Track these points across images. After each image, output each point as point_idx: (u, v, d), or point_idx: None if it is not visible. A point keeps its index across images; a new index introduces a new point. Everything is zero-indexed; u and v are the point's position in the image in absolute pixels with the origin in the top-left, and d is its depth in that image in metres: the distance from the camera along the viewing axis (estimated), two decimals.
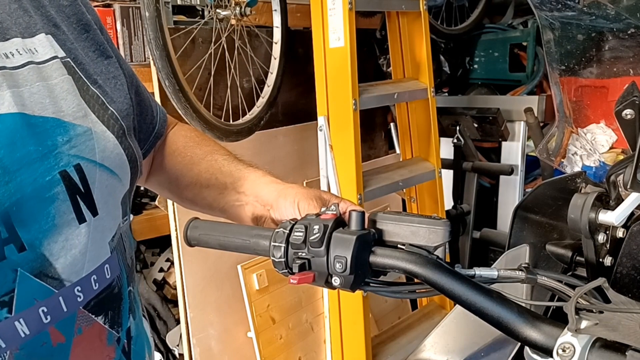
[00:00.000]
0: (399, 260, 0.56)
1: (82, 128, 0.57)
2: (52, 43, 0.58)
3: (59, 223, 0.54)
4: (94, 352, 0.60)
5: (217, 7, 1.74)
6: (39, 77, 0.55)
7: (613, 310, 0.51)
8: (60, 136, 0.55)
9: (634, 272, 0.68)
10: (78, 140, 0.56)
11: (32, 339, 0.53)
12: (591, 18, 1.79)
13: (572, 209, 0.68)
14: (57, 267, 0.54)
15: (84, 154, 0.56)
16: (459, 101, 2.65)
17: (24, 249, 0.51)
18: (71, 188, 0.54)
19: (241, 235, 0.65)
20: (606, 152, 1.95)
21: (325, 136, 1.74)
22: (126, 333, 0.65)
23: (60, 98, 0.56)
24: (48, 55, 0.57)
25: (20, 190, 0.51)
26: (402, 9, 1.94)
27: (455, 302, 0.54)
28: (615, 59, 1.83)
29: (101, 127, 0.59)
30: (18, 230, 0.51)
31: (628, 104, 0.71)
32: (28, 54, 0.56)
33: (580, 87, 2.00)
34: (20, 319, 0.52)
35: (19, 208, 0.51)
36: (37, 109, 0.54)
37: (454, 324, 0.70)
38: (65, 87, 0.57)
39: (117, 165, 0.60)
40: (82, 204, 0.56)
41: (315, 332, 2.10)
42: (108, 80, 0.64)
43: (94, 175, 0.57)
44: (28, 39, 0.57)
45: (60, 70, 0.58)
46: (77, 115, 0.57)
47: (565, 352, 0.46)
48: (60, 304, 0.55)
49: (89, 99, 0.59)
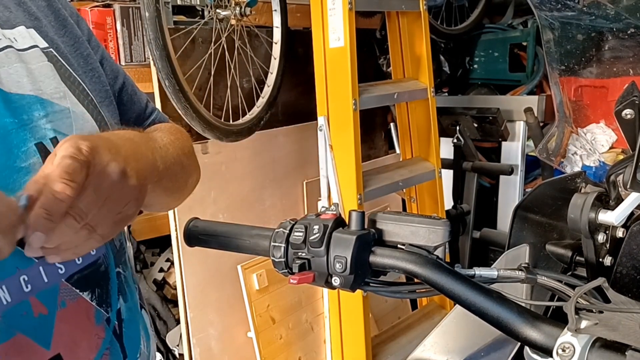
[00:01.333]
0: (398, 260, 0.56)
1: (60, 107, 0.59)
2: (33, 35, 0.61)
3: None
4: (81, 329, 0.60)
5: (217, 7, 1.74)
6: (18, 60, 0.57)
7: (613, 310, 0.51)
8: (37, 111, 0.56)
9: (634, 272, 0.68)
10: (55, 117, 0.57)
11: (14, 306, 0.53)
12: (591, 18, 1.79)
13: (572, 209, 0.68)
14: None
15: (60, 129, 0.57)
16: (458, 101, 2.65)
17: None
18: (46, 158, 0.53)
19: (241, 235, 0.65)
20: (606, 152, 1.95)
21: (325, 136, 1.74)
22: (116, 314, 0.65)
23: (39, 80, 0.58)
24: (28, 45, 0.59)
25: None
26: (402, 9, 1.94)
27: (455, 302, 0.54)
28: (615, 58, 1.83)
29: (80, 109, 0.60)
30: None
31: (628, 103, 0.71)
32: (6, 40, 0.58)
33: (580, 87, 2.00)
34: (3, 286, 0.52)
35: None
36: (14, 87, 0.56)
37: (454, 324, 0.70)
38: (44, 72, 0.59)
39: None
40: None
41: (315, 332, 2.10)
42: (88, 72, 0.66)
43: None
44: (7, 30, 0.59)
45: (40, 58, 0.60)
46: (56, 96, 0.58)
47: (565, 352, 0.46)
48: (40, 273, 0.55)
49: (70, 84, 0.61)
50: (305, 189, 2.13)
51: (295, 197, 2.13)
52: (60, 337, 0.57)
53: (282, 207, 2.08)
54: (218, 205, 1.87)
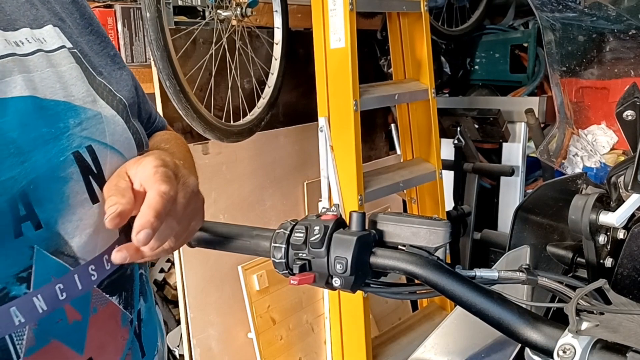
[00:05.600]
0: (399, 261, 0.56)
1: (92, 112, 0.59)
2: (59, 34, 0.60)
3: (73, 203, 0.55)
4: (110, 332, 0.61)
5: (218, 8, 1.74)
6: (48, 64, 0.57)
7: (614, 311, 0.51)
8: (72, 119, 0.56)
9: (635, 273, 0.68)
10: (89, 123, 0.58)
11: (49, 314, 0.54)
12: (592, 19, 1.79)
13: (573, 210, 0.68)
14: (72, 246, 0.56)
15: (95, 136, 0.58)
16: (459, 102, 2.65)
17: (40, 227, 0.53)
18: (84, 169, 0.56)
19: (242, 236, 0.65)
20: (607, 154, 1.95)
21: (326, 137, 1.74)
22: (137, 315, 0.66)
23: (70, 84, 0.58)
24: (56, 45, 0.59)
25: (35, 169, 0.52)
26: (403, 10, 1.94)
27: (456, 303, 0.54)
28: (616, 60, 1.83)
29: (110, 112, 0.61)
30: (35, 208, 0.52)
31: (629, 105, 0.71)
32: (37, 42, 0.58)
33: (581, 88, 2.00)
34: (38, 295, 0.53)
35: (35, 187, 0.52)
36: (48, 92, 0.56)
37: (455, 325, 0.70)
38: (74, 74, 0.59)
39: (125, 148, 0.61)
40: (95, 185, 0.57)
41: (316, 333, 2.10)
42: (113, 72, 0.66)
43: (105, 157, 0.58)
44: (36, 30, 0.59)
45: (68, 59, 0.60)
46: (87, 100, 0.59)
47: (565, 353, 0.46)
48: (75, 281, 0.56)
49: (97, 86, 0.61)
50: (306, 190, 2.13)
51: (296, 198, 2.13)
52: (92, 342, 0.58)
53: (283, 208, 2.08)
54: (218, 205, 1.87)
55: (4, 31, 0.56)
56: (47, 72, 0.57)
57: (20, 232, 0.51)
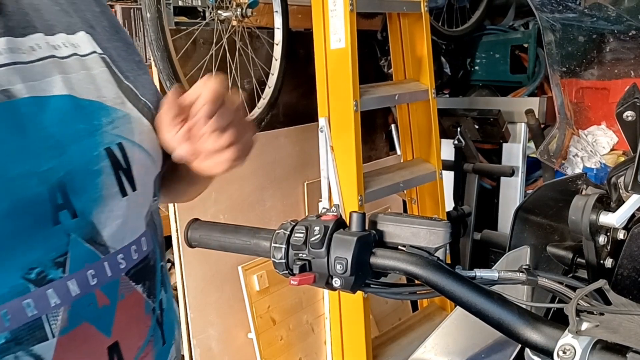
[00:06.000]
0: (399, 262, 0.56)
1: (122, 112, 0.63)
2: (91, 40, 0.66)
3: (105, 194, 0.60)
4: (135, 318, 0.65)
5: (218, 8, 1.74)
6: (82, 67, 0.62)
7: (614, 312, 0.51)
8: (104, 117, 0.61)
9: (635, 274, 0.68)
10: (119, 122, 0.62)
11: (81, 298, 0.58)
12: (592, 20, 1.80)
13: (573, 211, 0.68)
14: (104, 235, 0.60)
15: (124, 135, 0.62)
16: (459, 102, 2.65)
17: (76, 216, 0.57)
18: (115, 163, 0.61)
19: (242, 236, 0.65)
20: (607, 154, 1.95)
21: (326, 137, 1.74)
22: (159, 304, 0.70)
23: (102, 86, 0.63)
24: (88, 50, 0.64)
25: (71, 162, 0.57)
26: (403, 11, 1.95)
27: (456, 303, 0.54)
28: (616, 60, 1.83)
29: (137, 114, 0.65)
30: (71, 198, 0.56)
31: (629, 105, 0.71)
32: (72, 47, 0.63)
33: (581, 88, 2.00)
34: (72, 279, 0.57)
35: (72, 178, 0.56)
36: (84, 92, 0.60)
37: (455, 325, 0.70)
38: (105, 77, 0.64)
39: (151, 147, 0.66)
40: (124, 179, 0.62)
41: (316, 333, 2.10)
42: (138, 77, 0.70)
43: (133, 154, 0.63)
44: (71, 35, 0.63)
45: (99, 63, 0.65)
46: (117, 102, 0.64)
47: (565, 353, 0.46)
48: (105, 268, 0.60)
49: (124, 90, 0.66)
50: (306, 190, 2.13)
51: (296, 198, 2.13)
52: (118, 326, 0.62)
53: (283, 208, 2.08)
54: (219, 206, 1.87)
55: (45, 35, 0.60)
56: (82, 74, 0.61)
57: (58, 220, 0.55)
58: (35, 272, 0.54)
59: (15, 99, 0.54)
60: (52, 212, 0.55)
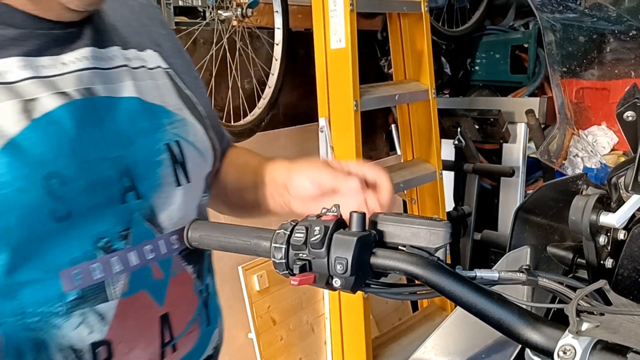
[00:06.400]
0: (399, 262, 0.56)
1: (180, 116, 0.74)
2: (157, 57, 0.77)
3: (163, 182, 0.69)
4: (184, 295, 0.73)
5: (218, 9, 1.74)
6: (149, 77, 0.73)
7: (614, 312, 0.51)
8: (165, 119, 0.72)
9: (635, 274, 0.68)
10: (178, 124, 0.73)
11: (140, 269, 0.67)
12: (592, 20, 1.80)
13: (573, 211, 0.68)
14: (160, 217, 0.69)
15: (182, 134, 0.73)
16: (460, 103, 2.65)
17: (139, 198, 0.67)
18: (173, 157, 0.71)
19: (242, 236, 0.65)
20: (607, 154, 1.95)
21: (327, 137, 1.74)
22: (206, 287, 0.78)
23: (165, 94, 0.74)
24: (155, 65, 0.76)
25: (137, 152, 0.67)
26: (404, 11, 1.95)
27: (456, 303, 0.54)
28: (617, 60, 1.84)
29: (193, 119, 0.76)
30: (136, 182, 0.66)
31: (629, 105, 0.71)
32: (141, 60, 0.74)
33: (581, 89, 2.00)
34: (133, 251, 0.66)
35: (137, 166, 0.67)
36: (149, 97, 0.71)
37: (455, 325, 0.70)
38: (168, 87, 0.75)
39: (204, 148, 0.76)
40: (180, 171, 0.72)
41: (316, 333, 2.10)
42: (195, 90, 0.81)
43: (188, 151, 0.73)
44: (141, 52, 0.75)
45: (163, 76, 0.76)
46: (176, 107, 0.74)
47: (566, 354, 0.46)
48: (160, 246, 0.69)
49: (184, 99, 0.77)
50: None
51: None
52: (170, 299, 0.70)
53: None
54: None
55: (122, 49, 0.72)
56: (149, 82, 0.73)
57: (124, 200, 0.65)
58: (104, 242, 0.64)
59: (95, 97, 0.66)
60: (121, 193, 0.65)
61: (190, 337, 0.74)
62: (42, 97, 0.61)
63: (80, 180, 0.61)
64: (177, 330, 0.71)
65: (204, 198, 0.78)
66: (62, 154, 0.61)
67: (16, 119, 0.59)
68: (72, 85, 0.64)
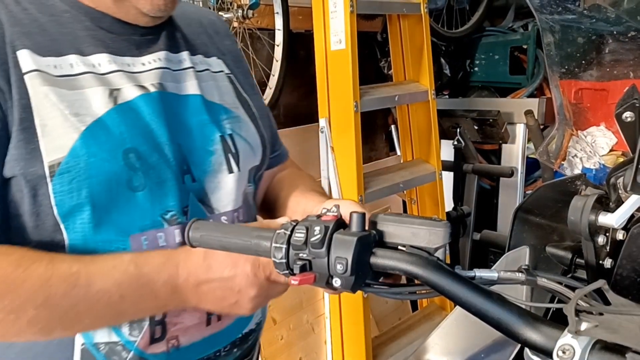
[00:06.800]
0: (399, 262, 0.56)
1: (236, 114, 0.85)
2: (221, 63, 0.89)
3: (215, 169, 0.79)
4: None
5: (219, 10, 1.75)
6: (212, 79, 0.85)
7: (613, 312, 0.51)
8: (222, 115, 0.83)
9: (634, 274, 0.68)
10: (233, 120, 0.84)
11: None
12: (591, 21, 1.80)
13: (572, 211, 0.68)
14: (212, 199, 0.78)
15: (236, 129, 0.83)
16: (459, 103, 2.66)
17: (195, 181, 0.76)
18: (226, 148, 0.81)
19: (242, 236, 0.65)
20: (606, 155, 1.96)
21: (327, 138, 1.74)
22: None
23: (224, 94, 0.85)
24: (218, 69, 0.87)
25: (194, 141, 0.78)
26: (403, 12, 1.95)
27: (456, 303, 0.54)
28: (616, 61, 1.84)
29: (247, 118, 0.86)
30: (191, 167, 0.76)
31: (628, 106, 0.71)
32: (206, 65, 0.86)
33: (580, 89, 2.00)
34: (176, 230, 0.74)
35: (193, 153, 0.77)
36: (209, 95, 0.82)
37: (454, 325, 0.70)
38: (228, 89, 0.87)
39: (255, 143, 0.86)
40: (232, 160, 0.81)
41: (316, 333, 2.10)
42: (251, 95, 0.91)
43: (239, 143, 0.83)
44: (207, 58, 0.87)
45: (225, 79, 0.87)
46: (233, 106, 0.85)
47: (565, 353, 0.46)
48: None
49: (241, 100, 0.87)
50: None
51: None
52: None
53: None
54: None
55: (190, 54, 0.83)
56: (211, 83, 0.84)
57: (183, 181, 0.75)
58: (170, 215, 0.73)
59: (166, 92, 0.77)
60: (180, 174, 0.75)
61: None
62: (125, 88, 0.73)
63: (152, 158, 0.72)
64: None
65: (249, 187, 0.86)
66: (138, 135, 0.72)
67: (104, 103, 0.71)
68: (149, 80, 0.76)
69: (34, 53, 0.70)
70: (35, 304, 0.62)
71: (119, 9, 0.76)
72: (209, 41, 0.90)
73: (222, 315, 0.78)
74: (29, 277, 0.62)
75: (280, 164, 1.02)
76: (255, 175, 0.89)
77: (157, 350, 0.73)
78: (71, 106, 0.69)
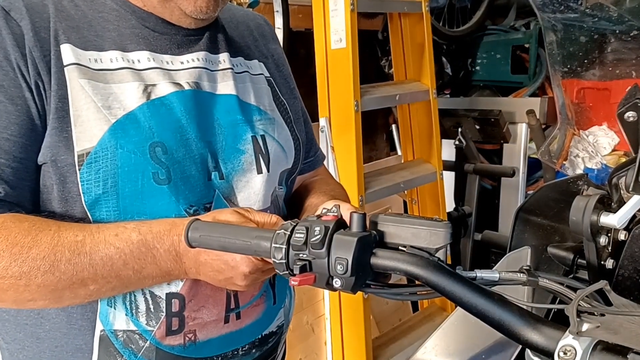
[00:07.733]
0: (400, 263, 0.56)
1: (270, 115, 0.86)
2: (262, 67, 0.91)
3: (245, 168, 0.80)
4: None
5: None
6: (250, 81, 0.86)
7: (615, 313, 0.51)
8: (256, 116, 0.84)
9: (636, 274, 0.68)
10: (266, 122, 0.85)
11: None
12: (594, 20, 1.80)
13: (574, 212, 0.68)
14: (238, 198, 0.80)
15: (268, 131, 0.84)
16: (460, 103, 2.65)
17: (222, 178, 0.78)
18: (256, 148, 0.82)
19: (242, 236, 0.65)
20: (608, 155, 1.95)
21: (327, 137, 1.74)
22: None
23: (261, 96, 0.87)
24: (258, 72, 0.89)
25: (225, 139, 0.80)
26: (404, 11, 1.95)
27: (457, 304, 0.54)
28: (618, 61, 1.84)
29: (282, 120, 0.88)
30: (220, 164, 0.78)
31: (630, 106, 0.71)
32: (246, 67, 0.87)
33: (582, 89, 2.00)
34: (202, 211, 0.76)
35: (223, 150, 0.79)
36: (245, 97, 0.84)
37: (455, 326, 0.70)
38: (265, 91, 0.88)
39: (287, 146, 0.87)
40: (262, 161, 0.82)
41: (316, 334, 2.10)
42: (289, 99, 0.93)
43: (271, 145, 0.84)
44: (247, 61, 0.89)
45: (264, 82, 0.89)
46: (269, 109, 0.87)
47: (566, 354, 0.46)
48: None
49: (277, 103, 0.89)
50: None
51: None
52: None
53: None
54: None
55: (230, 56, 0.85)
56: (248, 85, 0.85)
57: (210, 178, 0.77)
58: (193, 210, 0.75)
59: (201, 90, 0.79)
60: (207, 171, 0.77)
61: (254, 309, 0.82)
62: (160, 84, 0.76)
63: (179, 153, 0.74)
64: (242, 301, 0.80)
65: (279, 189, 0.87)
66: (167, 130, 0.74)
67: (137, 97, 0.74)
68: (184, 78, 0.78)
69: (76, 47, 0.73)
70: (43, 270, 0.66)
71: (164, 9, 0.78)
72: (253, 44, 0.92)
73: (241, 314, 0.80)
74: (36, 244, 0.66)
75: (313, 170, 1.03)
76: (287, 178, 0.90)
77: (173, 343, 0.75)
78: (105, 99, 0.72)
